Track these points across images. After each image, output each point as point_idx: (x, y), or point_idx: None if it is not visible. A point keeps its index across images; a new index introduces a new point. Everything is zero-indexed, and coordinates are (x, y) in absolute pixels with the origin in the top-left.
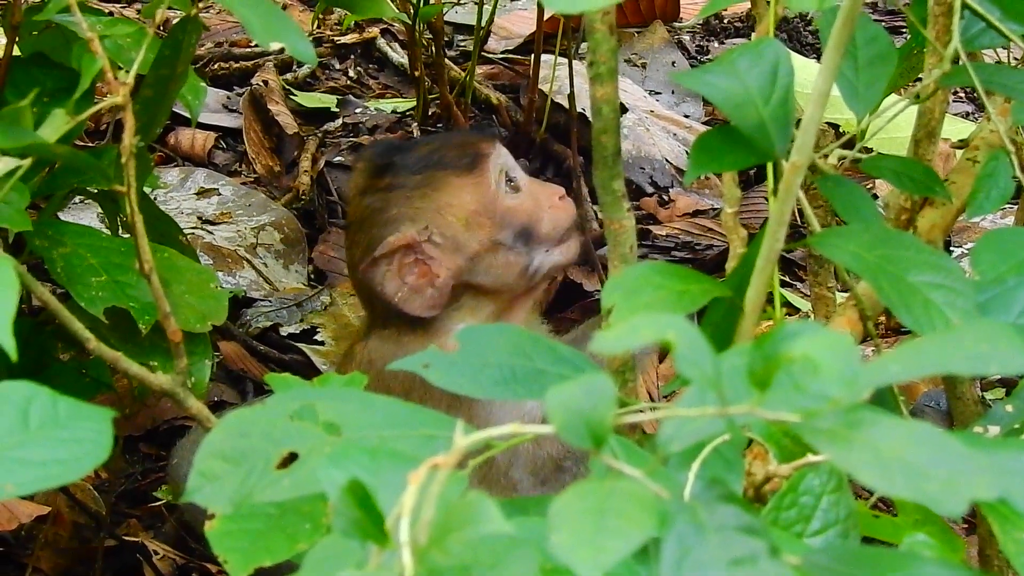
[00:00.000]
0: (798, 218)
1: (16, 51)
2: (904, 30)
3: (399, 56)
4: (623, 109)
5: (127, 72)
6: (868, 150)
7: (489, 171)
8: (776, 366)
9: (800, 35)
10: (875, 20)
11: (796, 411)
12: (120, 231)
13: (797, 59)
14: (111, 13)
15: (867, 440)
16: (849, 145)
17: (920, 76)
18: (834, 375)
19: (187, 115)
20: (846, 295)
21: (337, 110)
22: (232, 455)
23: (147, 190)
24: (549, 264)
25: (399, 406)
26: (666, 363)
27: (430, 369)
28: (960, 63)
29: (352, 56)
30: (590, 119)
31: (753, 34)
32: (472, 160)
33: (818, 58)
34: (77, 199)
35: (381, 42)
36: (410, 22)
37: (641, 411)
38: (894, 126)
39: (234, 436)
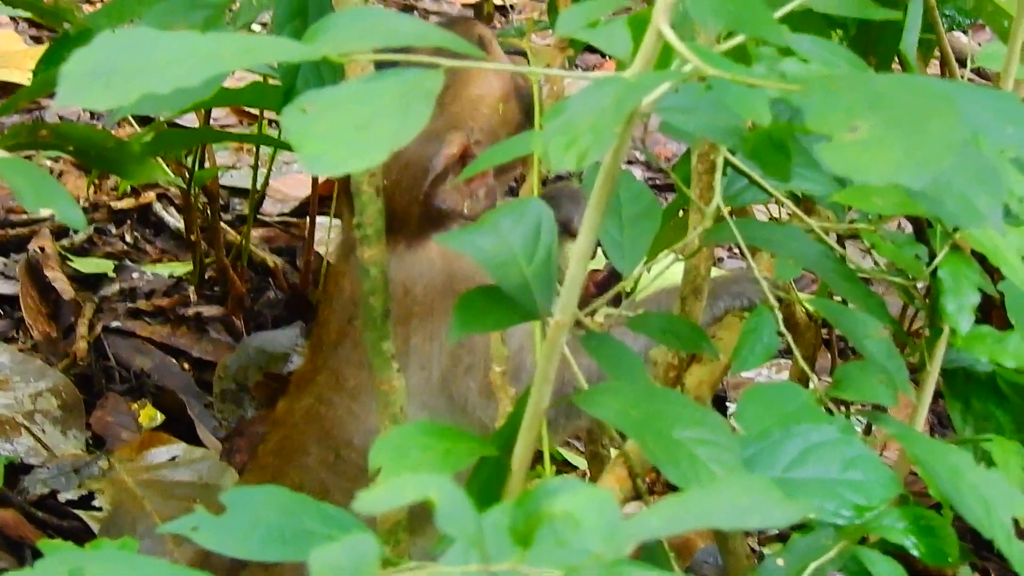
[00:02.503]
0: None
1: None
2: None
3: (175, 220)
4: None
5: None
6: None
7: (498, 49)
8: (538, 523)
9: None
10: (648, 177)
11: (559, 567)
12: None
13: None
14: None
15: None
16: (616, 302)
17: None
18: (595, 530)
19: None
20: (616, 452)
21: (114, 275)
22: None
23: None
24: None
25: (168, 568)
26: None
27: (199, 532)
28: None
29: (129, 221)
30: None
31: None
32: (480, 46)
33: None
34: None
35: (157, 206)
36: (185, 186)
37: (409, 570)
38: (665, 282)
39: None
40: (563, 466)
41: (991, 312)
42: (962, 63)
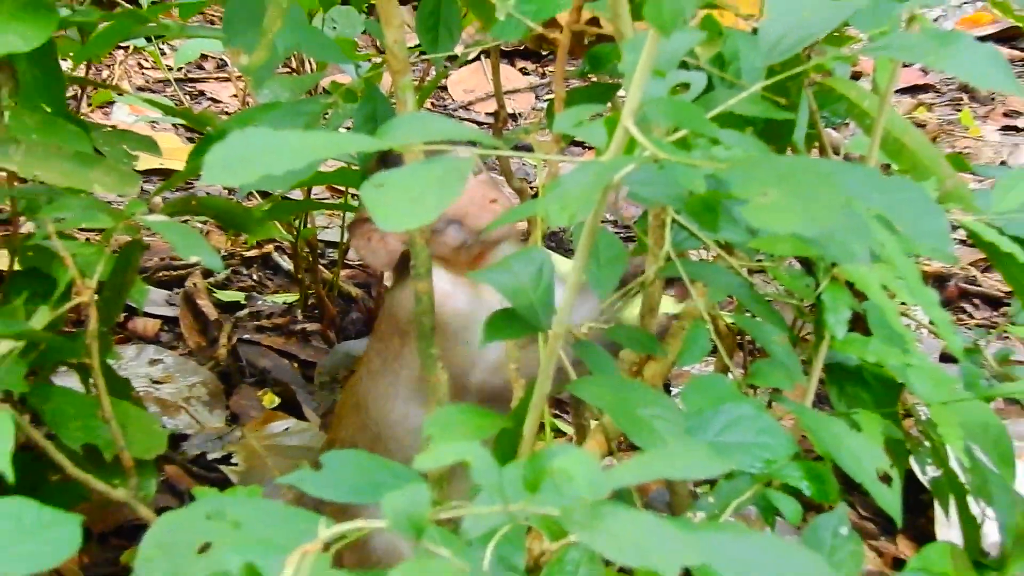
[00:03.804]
0: None
1: (16, 266)
2: (635, 238)
3: (287, 264)
4: None
5: (91, 279)
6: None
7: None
8: (543, 475)
9: (564, 242)
10: (616, 231)
11: (557, 507)
12: (91, 390)
13: (561, 260)
14: (88, 239)
15: (607, 526)
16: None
17: None
18: (583, 481)
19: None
20: (596, 423)
21: (245, 303)
22: (165, 545)
23: (110, 361)
24: (484, 240)
25: (285, 509)
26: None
27: (305, 483)
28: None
29: (254, 264)
30: None
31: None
32: None
33: None
34: (63, 368)
35: (275, 255)
36: (293, 240)
37: (453, 509)
38: (631, 305)
39: (167, 531)
40: (557, 433)
41: (858, 324)
42: (835, 151)
